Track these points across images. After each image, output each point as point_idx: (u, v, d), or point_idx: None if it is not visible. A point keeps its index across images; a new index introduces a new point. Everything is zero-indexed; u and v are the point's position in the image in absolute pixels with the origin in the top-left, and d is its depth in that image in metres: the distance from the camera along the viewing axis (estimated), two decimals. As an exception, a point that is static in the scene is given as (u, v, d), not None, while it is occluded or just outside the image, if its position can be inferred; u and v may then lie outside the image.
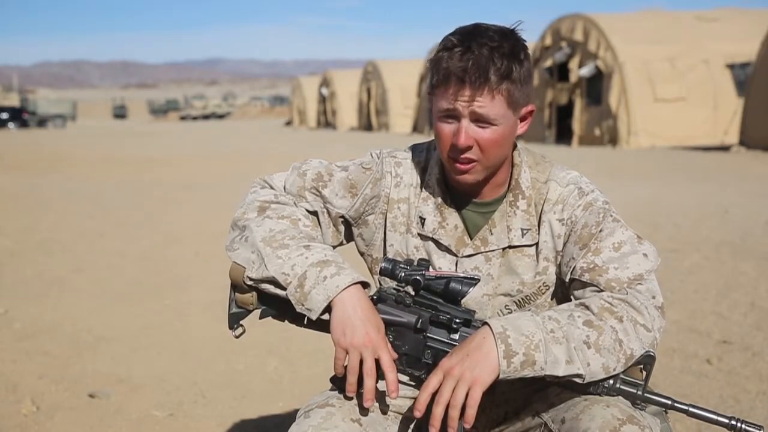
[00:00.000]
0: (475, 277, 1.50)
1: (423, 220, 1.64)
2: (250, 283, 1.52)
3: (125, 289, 5.57)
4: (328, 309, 1.46)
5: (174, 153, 19.68)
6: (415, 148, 1.72)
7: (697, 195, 9.67)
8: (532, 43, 19.90)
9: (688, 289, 5.10)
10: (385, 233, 1.68)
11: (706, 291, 5.04)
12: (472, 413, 1.36)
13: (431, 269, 1.52)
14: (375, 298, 1.53)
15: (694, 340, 4.07)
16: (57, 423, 3.18)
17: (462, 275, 1.49)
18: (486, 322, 1.41)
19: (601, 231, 1.54)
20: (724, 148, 16.98)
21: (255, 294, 1.55)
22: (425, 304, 1.50)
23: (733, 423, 1.38)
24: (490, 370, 1.36)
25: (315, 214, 1.65)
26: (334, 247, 1.66)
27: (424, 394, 1.39)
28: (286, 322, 1.58)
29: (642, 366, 1.44)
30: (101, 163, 16.76)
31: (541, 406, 1.55)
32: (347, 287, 1.46)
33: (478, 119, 1.50)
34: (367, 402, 1.45)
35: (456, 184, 1.62)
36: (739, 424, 1.38)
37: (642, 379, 1.43)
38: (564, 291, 1.61)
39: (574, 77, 20.38)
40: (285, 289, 1.47)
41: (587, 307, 1.43)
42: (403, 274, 1.49)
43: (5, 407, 3.31)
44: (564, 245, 1.59)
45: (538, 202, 1.62)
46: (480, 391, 1.36)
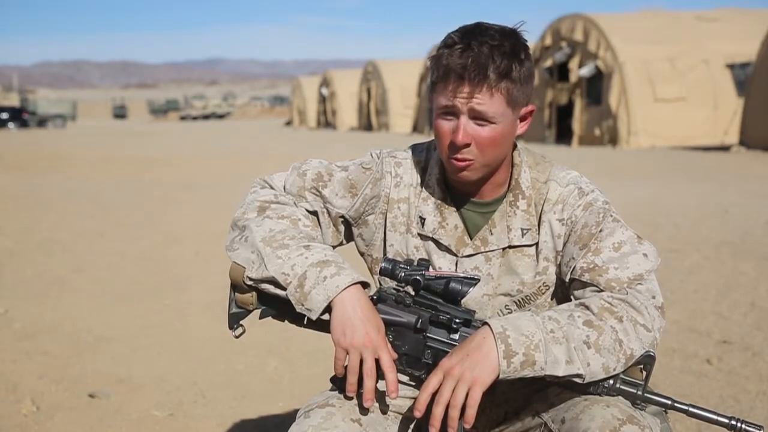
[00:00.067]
0: (475, 277, 1.50)
1: (423, 220, 1.64)
2: (250, 283, 1.52)
3: (125, 289, 5.57)
4: (328, 309, 1.46)
5: (174, 153, 19.68)
6: (415, 148, 1.72)
7: (697, 195, 9.67)
8: (532, 43, 19.82)
9: (688, 289, 5.10)
10: (385, 233, 1.68)
11: (706, 291, 5.04)
12: (472, 413, 1.36)
13: (431, 269, 1.52)
14: (375, 298, 1.52)
15: (694, 340, 4.07)
16: (57, 423, 3.18)
17: (462, 275, 1.49)
18: (486, 322, 1.41)
19: (601, 231, 1.54)
20: (724, 148, 16.98)
21: (255, 294, 1.55)
22: (425, 304, 1.50)
23: (733, 423, 1.38)
24: (490, 370, 1.36)
25: (315, 214, 1.65)
26: (334, 247, 1.66)
27: (424, 394, 1.39)
28: (286, 322, 1.58)
29: (642, 366, 1.44)
30: (101, 163, 16.76)
31: (541, 406, 1.55)
32: (347, 287, 1.45)
33: (476, 117, 1.50)
34: (367, 402, 1.45)
35: (456, 184, 1.62)
36: (739, 424, 1.38)
37: (642, 379, 1.43)
38: (564, 291, 1.61)
39: (574, 77, 20.39)
40: (285, 289, 1.47)
41: (587, 307, 1.43)
42: (403, 274, 1.49)
43: (5, 407, 3.31)
44: (564, 245, 1.59)
45: (538, 202, 1.62)
46: (480, 391, 1.36)
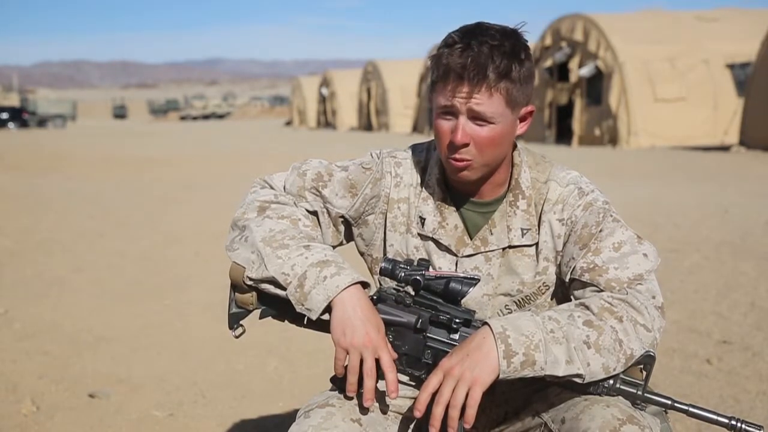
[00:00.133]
0: (475, 277, 1.49)
1: (423, 220, 1.64)
2: (250, 283, 1.52)
3: (125, 289, 5.57)
4: (328, 309, 1.46)
5: (174, 153, 19.68)
6: (415, 148, 1.72)
7: (697, 195, 9.67)
8: (532, 43, 19.82)
9: (688, 289, 5.10)
10: (385, 233, 1.68)
11: (706, 291, 5.04)
12: (472, 413, 1.36)
13: (431, 269, 1.52)
14: (375, 298, 1.52)
15: (694, 340, 4.07)
16: (57, 423, 3.18)
17: (462, 275, 1.49)
18: (486, 322, 1.41)
19: (601, 231, 1.53)
20: (724, 148, 16.97)
21: (255, 294, 1.55)
22: (425, 304, 1.50)
23: (733, 423, 1.38)
24: (490, 370, 1.36)
25: (315, 214, 1.65)
26: (334, 247, 1.66)
27: (424, 394, 1.39)
28: (286, 322, 1.58)
29: (642, 366, 1.44)
30: (101, 163, 16.76)
31: (541, 406, 1.55)
32: (347, 287, 1.45)
33: (475, 117, 1.50)
34: (367, 402, 1.45)
35: (455, 184, 1.62)
36: (739, 424, 1.38)
37: (642, 379, 1.43)
38: (564, 291, 1.61)
39: (574, 77, 20.38)
40: (285, 289, 1.47)
41: (587, 307, 1.43)
42: (403, 274, 1.49)
43: (5, 407, 3.31)
44: (564, 245, 1.59)
45: (538, 202, 1.62)
46: (480, 391, 1.36)
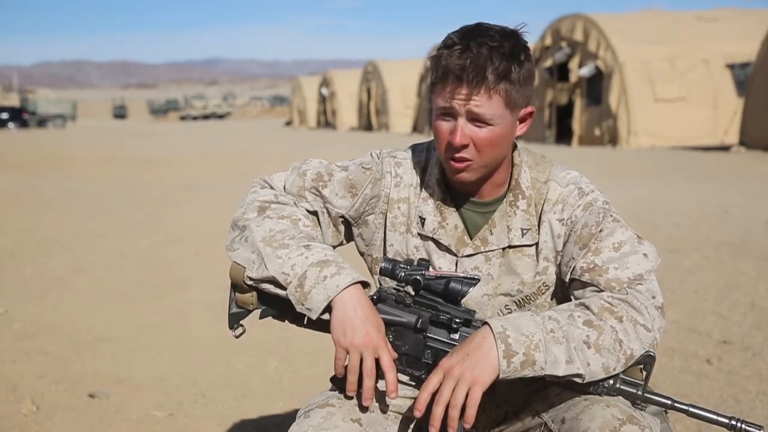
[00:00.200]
0: (475, 277, 1.50)
1: (423, 220, 1.64)
2: (250, 283, 1.52)
3: (125, 289, 5.57)
4: (328, 309, 1.46)
5: (174, 153, 19.68)
6: (415, 148, 1.72)
7: (697, 195, 9.67)
8: (532, 43, 19.82)
9: (688, 289, 5.10)
10: (385, 233, 1.68)
11: (706, 291, 5.04)
12: (472, 413, 1.36)
13: (431, 269, 1.52)
14: (375, 298, 1.52)
15: (694, 340, 4.07)
16: (57, 423, 3.18)
17: (462, 275, 1.49)
18: (486, 322, 1.41)
19: (601, 231, 1.53)
20: (724, 148, 16.98)
21: (255, 294, 1.55)
22: (425, 304, 1.50)
23: (733, 423, 1.38)
24: (490, 370, 1.36)
25: (315, 214, 1.65)
26: (334, 247, 1.66)
27: (424, 393, 1.39)
28: (286, 322, 1.58)
29: (642, 366, 1.44)
30: (101, 163, 16.76)
31: (541, 406, 1.55)
32: (347, 287, 1.45)
33: (474, 118, 1.50)
34: (366, 401, 1.45)
35: (455, 184, 1.62)
36: (739, 424, 1.38)
37: (642, 379, 1.43)
38: (564, 291, 1.61)
39: (574, 77, 20.39)
40: (285, 288, 1.47)
41: (587, 307, 1.43)
42: (403, 274, 1.49)
43: (5, 407, 3.31)
44: (564, 245, 1.59)
45: (538, 202, 1.62)
46: (480, 391, 1.36)
